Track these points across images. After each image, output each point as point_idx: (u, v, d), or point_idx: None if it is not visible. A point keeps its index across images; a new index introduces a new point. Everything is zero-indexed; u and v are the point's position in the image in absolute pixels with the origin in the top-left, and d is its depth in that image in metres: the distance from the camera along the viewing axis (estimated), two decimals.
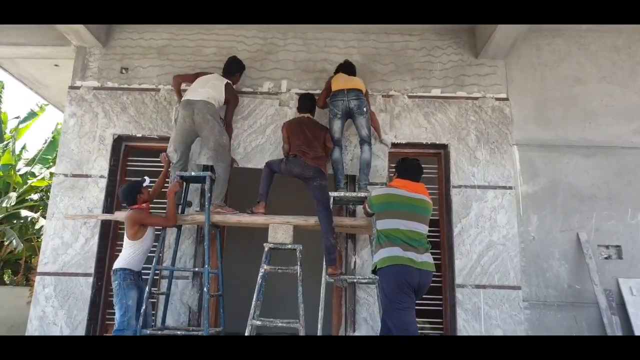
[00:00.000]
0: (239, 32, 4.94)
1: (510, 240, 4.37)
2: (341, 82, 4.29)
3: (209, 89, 4.20)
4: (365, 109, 4.21)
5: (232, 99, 4.35)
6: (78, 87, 4.81)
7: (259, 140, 4.65)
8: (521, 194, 4.52)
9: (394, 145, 4.63)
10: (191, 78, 4.43)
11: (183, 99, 4.24)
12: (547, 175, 4.57)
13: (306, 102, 4.36)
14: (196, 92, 4.19)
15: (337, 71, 4.50)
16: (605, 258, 4.42)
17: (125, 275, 3.74)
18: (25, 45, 5.03)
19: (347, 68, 4.47)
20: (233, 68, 4.50)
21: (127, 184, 4.13)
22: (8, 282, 8.72)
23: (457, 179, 4.55)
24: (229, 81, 4.39)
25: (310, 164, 3.97)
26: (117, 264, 3.79)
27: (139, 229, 3.81)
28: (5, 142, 8.67)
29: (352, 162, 4.52)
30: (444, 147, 4.68)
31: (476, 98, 4.75)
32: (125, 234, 3.85)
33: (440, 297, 4.45)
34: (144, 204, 3.92)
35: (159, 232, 4.13)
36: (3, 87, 9.61)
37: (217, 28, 4.93)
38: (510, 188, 4.51)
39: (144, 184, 3.98)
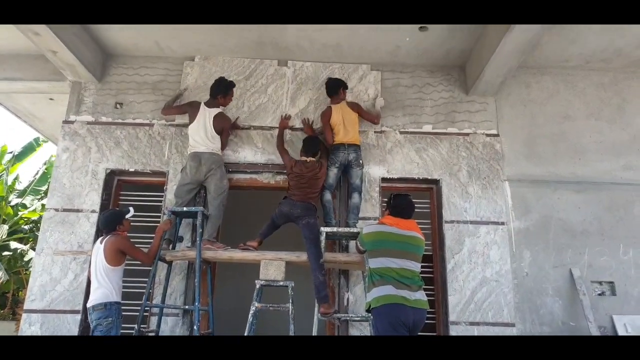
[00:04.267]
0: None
1: (503, 276, 4.35)
2: (340, 134, 4.41)
3: (210, 138, 4.31)
4: (361, 162, 4.40)
5: (223, 126, 4.43)
6: (72, 122, 4.82)
7: (262, 100, 4.88)
8: (513, 230, 4.53)
9: (386, 180, 4.66)
10: (182, 110, 4.59)
11: (190, 151, 4.34)
12: (538, 210, 4.59)
13: (311, 146, 4.34)
14: (201, 143, 4.30)
15: (328, 93, 4.61)
16: (599, 294, 4.39)
17: (119, 310, 3.51)
18: (22, 80, 5.08)
19: (331, 91, 4.58)
20: (217, 91, 4.49)
21: (110, 210, 4.00)
22: None
23: (450, 214, 4.56)
24: (218, 111, 4.42)
25: (298, 201, 4.06)
26: (107, 297, 3.48)
27: (121, 256, 3.63)
28: None
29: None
30: (436, 182, 4.71)
31: (467, 134, 4.82)
32: (103, 262, 3.57)
33: (435, 334, 4.38)
34: (124, 234, 3.79)
35: (149, 268, 4.05)
36: None
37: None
38: (503, 223, 4.52)
39: (127, 215, 3.85)
